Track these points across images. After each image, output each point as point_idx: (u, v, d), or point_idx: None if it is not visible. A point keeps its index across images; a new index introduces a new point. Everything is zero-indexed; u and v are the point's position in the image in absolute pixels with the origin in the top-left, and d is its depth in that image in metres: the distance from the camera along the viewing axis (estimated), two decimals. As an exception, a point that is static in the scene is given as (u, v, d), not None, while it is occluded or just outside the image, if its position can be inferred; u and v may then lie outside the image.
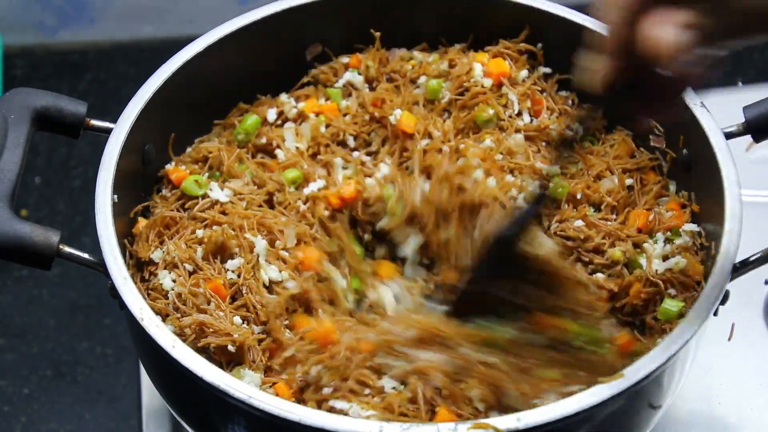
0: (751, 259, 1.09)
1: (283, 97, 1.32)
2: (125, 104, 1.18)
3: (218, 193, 1.21)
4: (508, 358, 1.05)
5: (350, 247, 1.21)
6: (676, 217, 1.20)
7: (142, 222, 1.19)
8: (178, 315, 1.10)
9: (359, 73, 1.33)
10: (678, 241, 1.17)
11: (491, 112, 1.26)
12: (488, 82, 1.28)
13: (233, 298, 1.13)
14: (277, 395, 1.04)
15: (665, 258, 1.16)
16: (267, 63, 1.32)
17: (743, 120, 1.17)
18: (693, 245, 1.17)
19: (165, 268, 1.14)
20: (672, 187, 1.24)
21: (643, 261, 1.16)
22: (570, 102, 1.30)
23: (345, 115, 1.30)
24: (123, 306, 1.05)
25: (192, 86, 1.25)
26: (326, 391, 1.05)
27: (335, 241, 1.21)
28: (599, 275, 1.16)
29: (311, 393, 1.06)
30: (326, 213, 1.21)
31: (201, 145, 1.27)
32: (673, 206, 1.22)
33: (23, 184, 1.11)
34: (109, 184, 1.12)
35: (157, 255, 1.16)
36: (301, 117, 1.30)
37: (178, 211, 1.20)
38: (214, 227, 1.16)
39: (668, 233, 1.18)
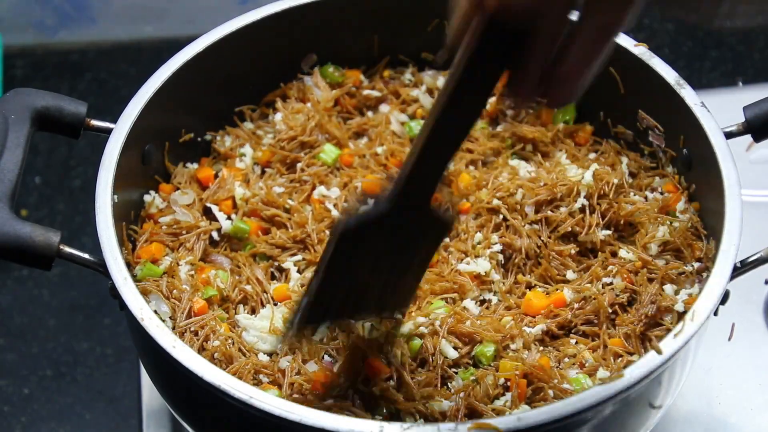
0: (751, 259, 1.09)
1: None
2: (125, 104, 1.18)
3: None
4: None
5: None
6: (673, 200, 1.21)
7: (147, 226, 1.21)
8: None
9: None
10: (676, 225, 1.18)
11: None
12: None
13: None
14: None
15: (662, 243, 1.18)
16: (267, 63, 1.32)
17: (743, 120, 1.17)
18: (691, 226, 1.18)
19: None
20: (669, 169, 1.25)
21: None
22: None
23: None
24: (123, 306, 1.05)
25: (192, 86, 1.25)
26: None
27: None
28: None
29: None
30: None
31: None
32: (669, 188, 1.23)
33: (23, 184, 1.11)
34: (110, 184, 1.12)
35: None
36: None
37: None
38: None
39: (668, 219, 1.19)
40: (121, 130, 1.16)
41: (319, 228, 1.22)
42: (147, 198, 1.23)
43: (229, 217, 1.24)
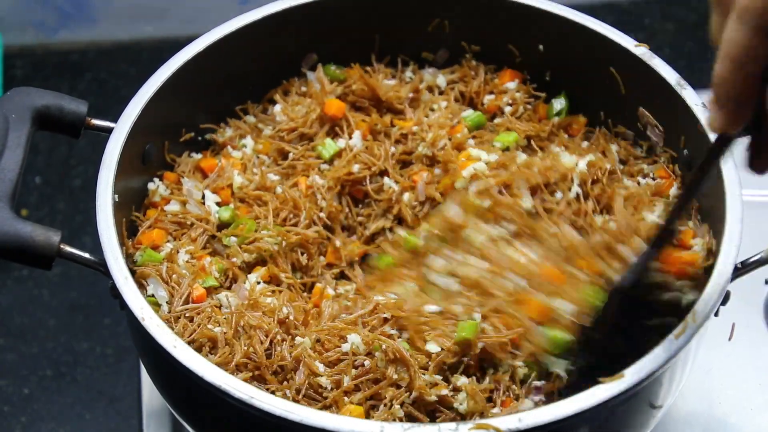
0: (752, 259, 1.09)
1: None
2: (125, 104, 1.18)
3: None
4: None
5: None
6: (666, 185, 1.21)
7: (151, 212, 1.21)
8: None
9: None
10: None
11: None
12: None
13: None
14: None
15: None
16: (267, 63, 1.32)
17: (744, 120, 1.17)
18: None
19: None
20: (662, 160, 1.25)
21: None
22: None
23: None
24: (123, 306, 1.05)
25: (192, 86, 1.25)
26: None
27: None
28: None
29: None
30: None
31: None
32: (662, 173, 1.23)
33: (24, 184, 1.11)
34: (110, 184, 1.12)
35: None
36: None
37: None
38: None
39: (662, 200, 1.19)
40: (121, 130, 1.16)
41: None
42: (151, 186, 1.24)
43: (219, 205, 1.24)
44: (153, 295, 1.12)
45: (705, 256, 1.13)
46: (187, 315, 1.11)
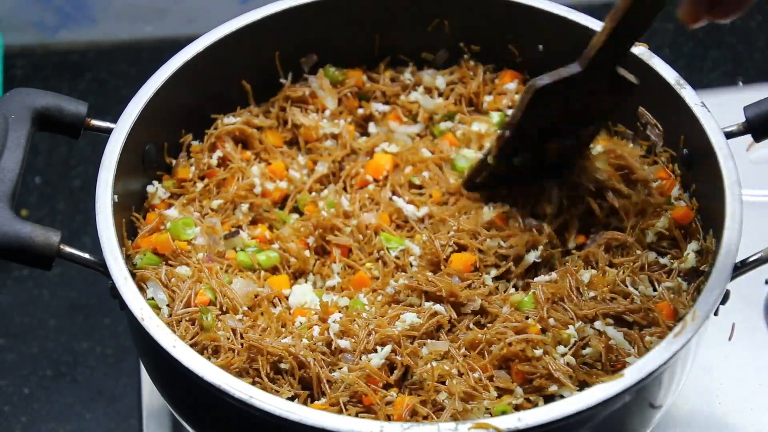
0: (752, 258, 1.09)
1: None
2: (125, 104, 1.18)
3: None
4: None
5: None
6: (668, 186, 1.21)
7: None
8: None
9: None
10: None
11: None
12: None
13: None
14: None
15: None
16: (267, 63, 1.32)
17: (744, 119, 1.17)
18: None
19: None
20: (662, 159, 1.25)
21: None
22: None
23: None
24: (123, 306, 1.05)
25: (192, 86, 1.25)
26: None
27: None
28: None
29: None
30: None
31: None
32: (662, 174, 1.23)
33: (23, 184, 1.11)
34: (110, 184, 1.12)
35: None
36: None
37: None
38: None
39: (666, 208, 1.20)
40: (121, 130, 1.16)
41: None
42: (150, 188, 1.24)
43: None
44: (153, 299, 1.12)
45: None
46: (188, 318, 1.11)
